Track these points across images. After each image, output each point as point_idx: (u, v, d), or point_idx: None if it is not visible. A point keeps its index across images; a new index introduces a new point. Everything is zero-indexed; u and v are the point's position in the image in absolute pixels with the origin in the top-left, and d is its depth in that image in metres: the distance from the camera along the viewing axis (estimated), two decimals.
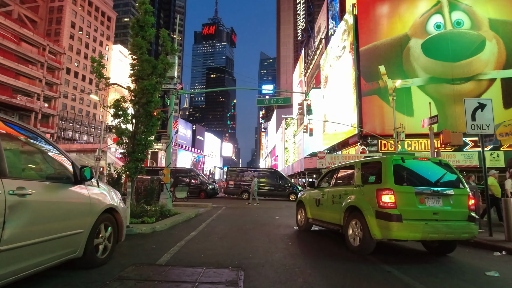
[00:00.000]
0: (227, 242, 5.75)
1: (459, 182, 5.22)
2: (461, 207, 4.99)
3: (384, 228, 4.65)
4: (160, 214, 8.45)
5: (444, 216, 4.80)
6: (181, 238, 5.90)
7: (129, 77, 8.77)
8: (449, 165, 5.39)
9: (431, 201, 4.84)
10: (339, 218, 5.84)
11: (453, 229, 4.78)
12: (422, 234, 4.59)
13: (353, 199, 5.44)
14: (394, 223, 4.54)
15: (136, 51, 8.58)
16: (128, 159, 8.38)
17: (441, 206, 4.86)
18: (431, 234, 4.62)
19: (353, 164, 6.08)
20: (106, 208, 3.64)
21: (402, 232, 4.56)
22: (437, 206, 4.84)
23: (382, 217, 4.70)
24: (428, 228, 4.60)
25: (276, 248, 5.27)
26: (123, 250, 4.72)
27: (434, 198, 4.86)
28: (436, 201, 4.87)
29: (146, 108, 8.62)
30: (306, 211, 7.63)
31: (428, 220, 4.68)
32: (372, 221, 4.84)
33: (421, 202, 4.79)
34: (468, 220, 4.93)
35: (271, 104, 15.71)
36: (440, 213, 4.79)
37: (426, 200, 4.81)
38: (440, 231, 4.67)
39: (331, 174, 7.01)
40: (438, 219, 4.75)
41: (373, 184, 5.15)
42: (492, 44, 25.62)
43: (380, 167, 5.13)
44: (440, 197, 4.90)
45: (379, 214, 4.75)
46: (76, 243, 3.12)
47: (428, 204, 4.81)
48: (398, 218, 4.56)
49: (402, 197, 4.74)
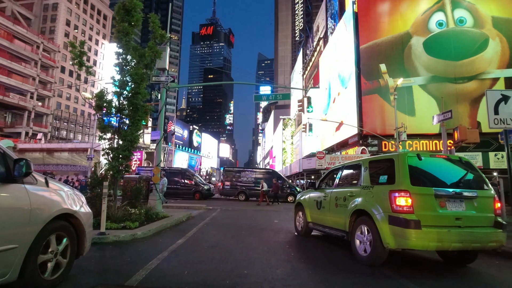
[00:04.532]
0: (219, 252, 4.98)
1: (483, 182, 4.53)
2: (486, 211, 4.30)
3: (400, 236, 3.95)
4: (145, 218, 7.71)
5: (467, 222, 4.11)
6: (164, 248, 5.12)
7: (114, 67, 8.03)
8: (470, 163, 4.69)
9: (452, 205, 4.14)
10: (344, 223, 5.14)
11: (479, 237, 4.09)
12: (444, 243, 3.89)
13: (361, 201, 4.74)
14: (412, 230, 3.84)
15: (121, 37, 7.83)
16: (111, 156, 7.65)
17: (464, 211, 4.17)
18: (454, 244, 3.93)
19: (359, 162, 5.38)
20: (59, 214, 2.90)
21: (421, 241, 3.86)
22: (460, 210, 4.15)
23: (396, 223, 4.00)
24: (451, 236, 3.91)
25: (277, 261, 4.52)
26: (88, 265, 3.95)
27: (456, 201, 4.17)
28: (459, 204, 4.18)
29: (132, 100, 7.89)
30: (306, 214, 6.93)
31: (450, 227, 3.99)
32: (385, 228, 4.14)
33: (442, 205, 4.09)
34: (495, 227, 4.24)
35: (270, 100, 15.00)
36: (463, 218, 4.10)
37: (447, 204, 4.12)
38: (465, 239, 3.97)
39: (334, 173, 6.31)
40: (461, 226, 4.06)
41: (384, 185, 4.45)
42: (495, 42, 25.05)
43: (392, 166, 4.44)
44: (463, 200, 4.21)
45: (393, 219, 4.06)
46: (4, 263, 2.36)
47: (450, 208, 4.12)
48: (416, 224, 3.86)
49: (420, 200, 4.04)
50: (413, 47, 26.46)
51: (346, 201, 5.21)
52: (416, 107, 25.88)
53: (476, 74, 25.09)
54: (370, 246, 4.41)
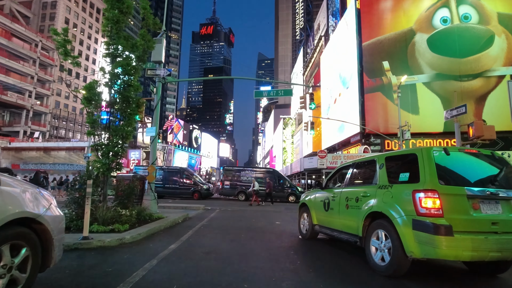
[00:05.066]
0: (215, 260, 4.39)
1: None
2: None
3: (427, 244, 3.37)
4: (137, 220, 7.12)
5: (505, 227, 3.52)
6: (154, 254, 4.53)
7: (104, 57, 7.44)
8: (504, 159, 4.11)
9: (487, 207, 3.57)
10: (356, 227, 4.57)
11: None
12: (480, 252, 3.31)
13: (377, 203, 4.17)
14: (442, 237, 3.26)
15: (112, 26, 7.25)
16: (101, 153, 7.07)
17: (501, 214, 3.59)
18: (492, 253, 3.34)
19: (373, 158, 4.80)
20: (14, 218, 2.33)
21: (454, 250, 3.28)
22: (496, 213, 3.57)
23: (422, 229, 3.42)
24: (488, 244, 3.32)
25: (282, 271, 3.93)
26: (60, 278, 3.34)
27: (491, 203, 3.59)
28: (494, 206, 3.60)
29: (123, 93, 7.31)
30: (312, 216, 6.36)
31: (486, 233, 3.41)
32: (407, 234, 3.56)
33: (475, 208, 3.52)
34: None
35: (271, 96, 14.42)
36: (500, 223, 3.51)
37: (481, 206, 3.54)
38: (504, 248, 3.38)
39: (344, 171, 5.72)
40: (499, 232, 3.48)
41: (406, 184, 3.87)
42: (501, 39, 24.46)
43: (415, 162, 3.85)
44: (499, 201, 3.63)
45: (418, 224, 3.48)
46: None
47: (484, 211, 3.54)
48: (447, 230, 3.28)
49: (450, 202, 3.46)
50: (416, 44, 25.88)
51: (358, 202, 4.64)
52: (419, 105, 25.29)
53: (481, 71, 24.51)
54: (389, 254, 3.84)
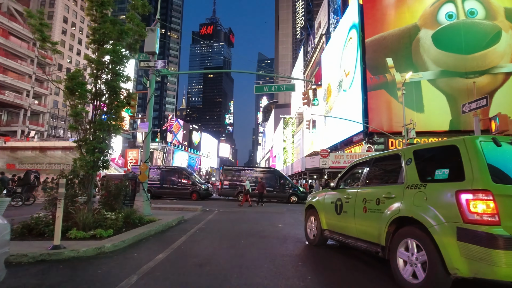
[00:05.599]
0: (209, 275, 3.64)
1: None
2: None
3: (479, 260, 2.63)
4: (124, 224, 6.38)
5: None
6: (135, 268, 3.76)
7: (88, 44, 6.72)
8: None
9: None
10: (378, 235, 3.84)
11: None
12: None
13: (406, 206, 3.43)
14: (501, 252, 2.53)
15: (96, 8, 6.52)
16: (85, 149, 6.34)
17: None
18: None
19: (397, 152, 4.07)
20: None
21: None
22: None
23: (472, 240, 2.69)
24: None
25: None
26: None
27: None
28: None
29: (110, 83, 6.58)
30: (320, 220, 5.63)
31: None
32: (450, 246, 2.83)
33: None
34: None
35: (272, 91, 13.69)
36: None
37: None
38: None
39: (359, 169, 4.99)
40: None
41: (445, 183, 3.14)
42: (508, 35, 23.75)
43: (456, 155, 3.11)
44: None
45: (465, 233, 2.74)
46: None
47: None
48: (507, 243, 2.55)
49: (507, 205, 2.73)
50: (421, 40, 25.17)
51: (380, 205, 3.91)
52: (424, 103, 24.58)
53: (488, 68, 23.81)
54: (423, 270, 3.10)
